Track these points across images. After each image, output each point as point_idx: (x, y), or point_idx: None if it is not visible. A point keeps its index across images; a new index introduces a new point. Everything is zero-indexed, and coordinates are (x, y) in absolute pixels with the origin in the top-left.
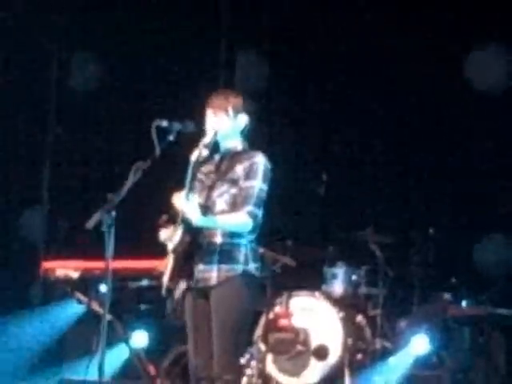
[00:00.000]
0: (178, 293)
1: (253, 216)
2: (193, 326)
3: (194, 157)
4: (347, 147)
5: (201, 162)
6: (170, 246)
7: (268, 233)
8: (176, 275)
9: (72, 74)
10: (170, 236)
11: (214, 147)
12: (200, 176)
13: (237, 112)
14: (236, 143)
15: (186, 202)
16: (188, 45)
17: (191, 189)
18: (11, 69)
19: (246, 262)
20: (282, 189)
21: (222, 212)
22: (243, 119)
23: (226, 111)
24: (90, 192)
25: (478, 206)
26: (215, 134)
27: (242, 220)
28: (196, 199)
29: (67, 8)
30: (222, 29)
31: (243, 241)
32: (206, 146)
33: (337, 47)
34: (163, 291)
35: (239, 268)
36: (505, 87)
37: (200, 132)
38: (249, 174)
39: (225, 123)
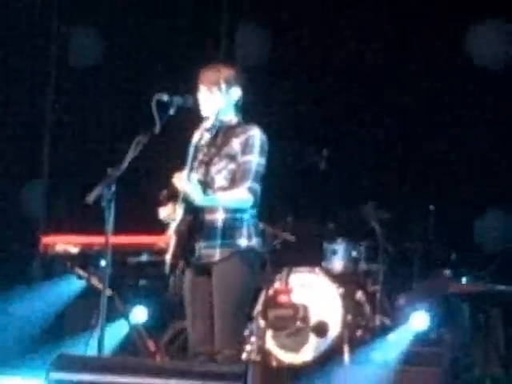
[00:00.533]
0: (179, 269)
1: (253, 191)
2: (191, 301)
3: (194, 139)
4: (348, 122)
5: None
6: (172, 225)
7: (268, 208)
8: (179, 253)
9: (71, 49)
10: (170, 214)
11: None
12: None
13: (230, 85)
14: (230, 116)
15: (187, 183)
16: (188, 18)
17: (192, 169)
18: (10, 45)
19: (248, 237)
20: (282, 164)
21: (222, 188)
22: (236, 92)
23: (219, 85)
24: (89, 166)
25: (478, 181)
26: (217, 116)
27: (243, 196)
28: (195, 177)
29: None
30: (222, 4)
31: (245, 216)
32: (207, 130)
33: (340, 20)
34: (166, 269)
35: (242, 243)
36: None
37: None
38: (245, 149)
39: (218, 98)
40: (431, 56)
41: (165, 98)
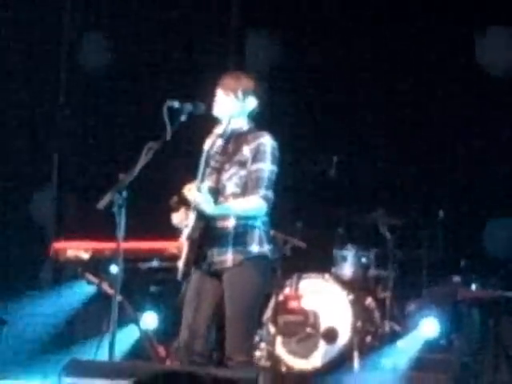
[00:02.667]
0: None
1: (266, 199)
2: (196, 296)
3: (207, 146)
4: (358, 129)
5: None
6: (185, 232)
7: (278, 215)
8: (192, 260)
9: (82, 54)
10: (183, 219)
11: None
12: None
13: (247, 94)
14: (242, 123)
15: (197, 194)
16: (198, 25)
17: (203, 178)
18: (21, 49)
19: (260, 243)
20: (293, 170)
21: (233, 195)
22: (252, 102)
23: (236, 92)
24: (100, 172)
25: (487, 188)
26: (229, 123)
27: (256, 204)
28: (206, 186)
29: None
30: (232, 10)
31: (257, 222)
32: (220, 136)
33: (348, 29)
34: (179, 276)
35: (254, 250)
36: None
37: (211, 114)
38: (257, 156)
39: (233, 104)
40: (443, 65)
41: (176, 104)
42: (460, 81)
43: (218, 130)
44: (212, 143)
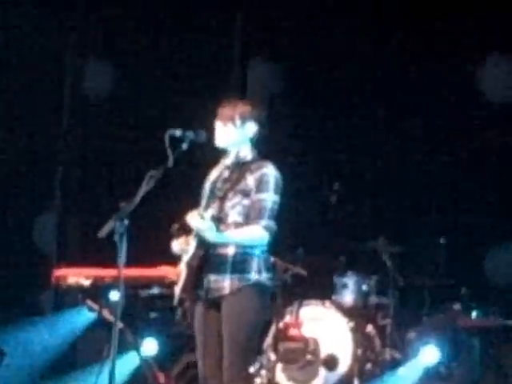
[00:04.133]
0: (188, 302)
1: (269, 229)
2: (202, 333)
3: (212, 176)
4: (359, 157)
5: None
6: (184, 258)
7: (279, 242)
8: (189, 287)
9: (85, 80)
10: (183, 247)
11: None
12: (208, 185)
13: (244, 120)
14: (246, 152)
15: (200, 221)
16: (201, 55)
17: (208, 207)
18: (25, 74)
19: (258, 271)
20: (294, 198)
21: (235, 224)
22: (251, 127)
23: (233, 120)
24: (102, 199)
25: (488, 215)
26: (237, 154)
27: (258, 234)
28: (209, 213)
29: (80, 13)
30: (235, 40)
31: (256, 251)
32: (227, 167)
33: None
34: (175, 301)
35: (252, 278)
36: None
37: (212, 142)
38: (260, 186)
39: (232, 132)
40: (443, 88)
41: (178, 133)
42: (461, 105)
43: (227, 160)
44: (219, 174)
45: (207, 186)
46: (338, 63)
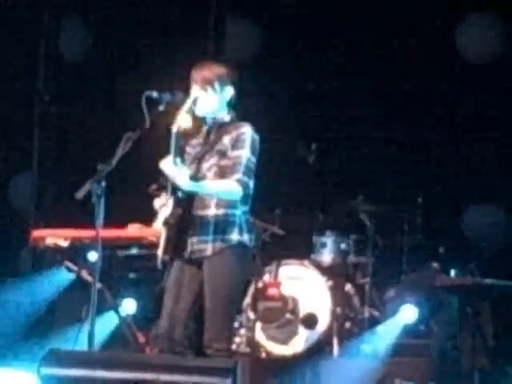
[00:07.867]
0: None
1: (242, 184)
2: (177, 288)
3: (175, 128)
4: (338, 116)
5: (189, 134)
6: (161, 217)
7: (257, 201)
8: (170, 249)
9: (60, 42)
10: (165, 203)
11: (202, 120)
12: (189, 149)
13: (223, 84)
14: (223, 114)
15: (173, 168)
16: (177, 13)
17: (177, 155)
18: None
19: (240, 232)
20: (272, 157)
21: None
22: (229, 91)
23: (212, 84)
24: (79, 160)
25: (466, 175)
26: (194, 100)
27: (231, 186)
28: (186, 170)
29: None
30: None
31: (237, 212)
32: (187, 113)
33: (330, 15)
34: (158, 264)
35: (234, 239)
36: (494, 57)
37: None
38: (236, 144)
39: (213, 99)
40: (422, 55)
41: (154, 94)
42: (438, 66)
43: (183, 108)
44: (179, 124)
45: (172, 138)
46: (323, 18)
